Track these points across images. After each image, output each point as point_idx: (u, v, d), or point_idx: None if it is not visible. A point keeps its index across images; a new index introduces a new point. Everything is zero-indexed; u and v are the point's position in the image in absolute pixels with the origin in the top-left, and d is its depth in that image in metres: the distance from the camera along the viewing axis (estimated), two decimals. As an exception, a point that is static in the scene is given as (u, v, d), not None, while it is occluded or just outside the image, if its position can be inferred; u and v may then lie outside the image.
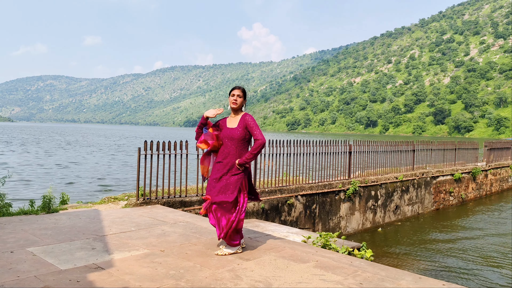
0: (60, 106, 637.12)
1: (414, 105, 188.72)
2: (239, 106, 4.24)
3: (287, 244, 4.75)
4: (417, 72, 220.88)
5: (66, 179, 17.90)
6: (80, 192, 14.74)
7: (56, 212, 6.05)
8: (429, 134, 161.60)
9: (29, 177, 18.21)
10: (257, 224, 7.45)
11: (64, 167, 22.86)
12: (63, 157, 29.18)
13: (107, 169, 22.70)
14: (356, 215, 10.74)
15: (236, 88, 4.27)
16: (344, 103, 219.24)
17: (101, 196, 9.92)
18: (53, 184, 15.75)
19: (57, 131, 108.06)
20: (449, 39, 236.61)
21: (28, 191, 14.66)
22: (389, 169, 12.24)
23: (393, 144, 12.44)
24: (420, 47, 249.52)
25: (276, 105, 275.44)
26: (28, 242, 4.33)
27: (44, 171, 20.68)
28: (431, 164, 14.25)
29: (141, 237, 4.75)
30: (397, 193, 12.23)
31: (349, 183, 10.48)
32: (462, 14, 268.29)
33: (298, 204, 9.14)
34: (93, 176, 19.49)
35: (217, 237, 4.27)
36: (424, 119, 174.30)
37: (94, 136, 76.61)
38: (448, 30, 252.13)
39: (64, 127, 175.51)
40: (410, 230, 11.33)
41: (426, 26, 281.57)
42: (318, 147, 9.77)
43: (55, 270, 3.52)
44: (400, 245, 9.68)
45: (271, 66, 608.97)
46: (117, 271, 3.56)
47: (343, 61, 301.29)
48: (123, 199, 7.24)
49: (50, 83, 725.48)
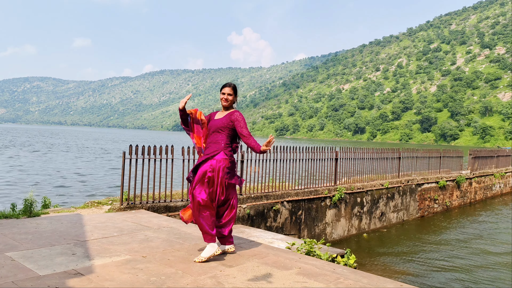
0: (46, 108, 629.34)
1: (402, 113, 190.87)
2: (230, 104, 4.20)
3: (271, 251, 4.74)
4: (405, 80, 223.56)
5: (49, 183, 17.64)
6: (63, 196, 14.53)
7: (37, 216, 5.96)
8: (416, 142, 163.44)
9: (12, 180, 17.90)
10: (242, 230, 7.42)
11: (47, 170, 22.53)
12: (46, 160, 28.78)
13: (91, 172, 22.45)
14: (341, 222, 10.78)
15: (227, 85, 4.21)
16: (332, 110, 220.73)
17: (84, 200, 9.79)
18: (35, 187, 15.51)
19: (43, 133, 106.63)
20: (436, 48, 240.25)
21: (10, 194, 14.41)
22: (375, 176, 12.31)
23: (379, 151, 12.54)
24: (407, 55, 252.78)
25: (265, 110, 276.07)
26: (8, 247, 4.25)
27: (26, 174, 20.36)
28: (416, 172, 14.38)
29: (123, 242, 4.70)
30: (383, 200, 12.30)
31: (335, 189, 10.51)
32: (449, 24, 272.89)
33: (284, 210, 9.14)
34: (77, 179, 19.25)
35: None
36: (411, 126, 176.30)
37: (80, 140, 75.79)
38: (435, 39, 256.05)
39: (50, 130, 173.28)
40: (395, 237, 11.40)
41: (414, 35, 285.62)
42: (304, 154, 9.79)
43: (33, 275, 3.46)
44: (385, 252, 9.74)
45: (261, 72, 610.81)
46: (97, 277, 3.50)
47: (332, 68, 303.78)
48: (106, 203, 7.16)
49: (37, 85, 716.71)
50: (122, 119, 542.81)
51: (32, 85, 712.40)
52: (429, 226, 12.87)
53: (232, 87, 4.20)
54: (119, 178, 19.55)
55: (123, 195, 6.82)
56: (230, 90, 4.19)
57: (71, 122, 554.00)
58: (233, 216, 4.29)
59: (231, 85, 4.20)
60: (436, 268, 8.55)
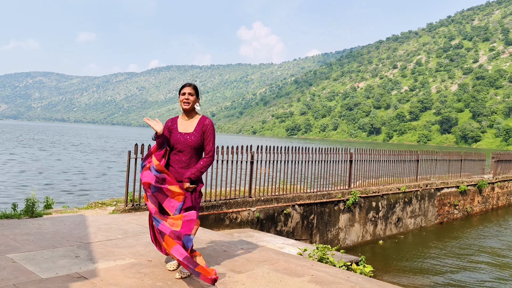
0: (49, 104, 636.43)
1: (420, 113, 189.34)
2: (192, 106, 3.97)
3: (281, 257, 4.73)
4: (424, 78, 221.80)
5: (51, 182, 17.83)
6: (66, 196, 14.68)
7: (39, 216, 6.02)
8: (434, 144, 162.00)
9: (14, 179, 18.13)
10: (251, 234, 7.43)
11: (51, 169, 22.78)
12: (50, 159, 29.10)
13: (95, 172, 22.64)
14: (355, 227, 10.73)
15: (187, 85, 3.99)
16: (346, 109, 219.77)
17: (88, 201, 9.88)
18: (37, 187, 15.68)
19: (45, 131, 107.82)
20: (457, 45, 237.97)
21: (11, 194, 14.59)
22: (392, 180, 12.24)
23: (396, 153, 12.45)
24: (427, 52, 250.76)
25: (276, 109, 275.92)
26: (9, 248, 4.30)
27: (29, 173, 20.60)
28: (435, 175, 14.26)
29: (128, 245, 4.73)
30: (399, 204, 12.22)
31: (349, 193, 10.47)
32: (472, 19, 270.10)
33: (295, 214, 9.12)
34: (80, 179, 19.43)
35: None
36: (430, 127, 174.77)
37: (84, 137, 76.49)
38: (457, 36, 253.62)
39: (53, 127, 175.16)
40: (413, 244, 11.32)
41: (434, 30, 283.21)
42: (317, 155, 9.76)
43: (35, 278, 3.50)
44: (402, 260, 9.67)
45: (272, 68, 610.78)
46: (101, 281, 3.53)
47: (347, 65, 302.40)
48: (110, 204, 7.21)
49: (40, 80, 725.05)
50: (126, 117, 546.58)
51: (34, 80, 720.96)
52: (449, 233, 12.74)
53: (192, 87, 4.00)
54: (123, 178, 19.68)
55: (128, 196, 6.86)
56: (191, 89, 3.96)
57: (74, 119, 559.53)
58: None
59: (191, 85, 4.01)
60: (457, 282, 8.46)
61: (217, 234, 5.79)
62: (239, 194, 8.19)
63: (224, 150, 7.67)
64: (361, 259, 6.64)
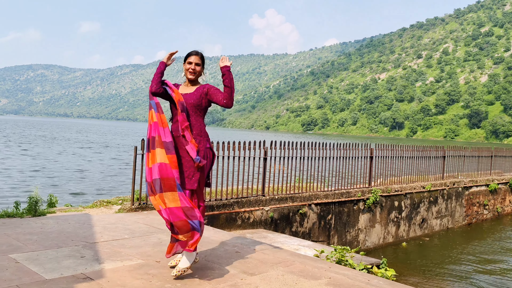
0: (51, 98, 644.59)
1: (447, 106, 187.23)
2: (197, 77, 3.98)
3: (297, 258, 4.75)
4: (451, 68, 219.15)
5: (55, 180, 18.09)
6: (70, 194, 14.89)
7: (43, 215, 6.13)
8: (462, 139, 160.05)
9: (16, 176, 18.44)
10: (265, 235, 7.46)
11: (54, 166, 23.10)
12: (53, 156, 29.51)
13: (100, 170, 22.90)
14: (376, 228, 10.69)
15: (193, 54, 3.95)
16: (366, 102, 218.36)
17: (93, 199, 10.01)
18: (41, 185, 15.93)
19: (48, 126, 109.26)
20: (487, 32, 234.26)
21: (14, 192, 14.85)
22: (416, 177, 12.16)
23: (421, 149, 12.36)
24: (454, 40, 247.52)
25: (291, 102, 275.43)
26: (11, 248, 4.39)
27: (32, 170, 20.92)
28: (463, 173, 14.13)
29: (135, 245, 4.79)
30: (424, 204, 12.14)
31: (369, 191, 10.43)
32: (503, 5, 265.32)
33: (311, 214, 9.13)
34: (85, 177, 19.68)
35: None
36: (457, 121, 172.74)
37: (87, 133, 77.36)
38: (487, 22, 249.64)
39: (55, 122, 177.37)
40: (438, 246, 11.24)
41: (462, 17, 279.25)
42: (335, 151, 9.75)
43: (39, 279, 3.57)
44: (426, 264, 9.61)
45: (286, 59, 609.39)
46: (107, 282, 3.59)
47: (367, 55, 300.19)
48: (116, 203, 7.30)
49: (41, 73, 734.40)
50: (132, 111, 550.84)
51: (36, 74, 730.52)
52: (477, 235, 12.62)
53: (199, 56, 3.96)
54: (129, 175, 19.88)
55: (135, 195, 6.94)
56: (198, 59, 3.94)
57: (78, 114, 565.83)
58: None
59: (198, 53, 3.97)
60: (487, 284, 8.38)
61: (228, 235, 5.83)
62: (252, 192, 8.22)
63: (235, 146, 7.70)
64: (382, 262, 6.62)
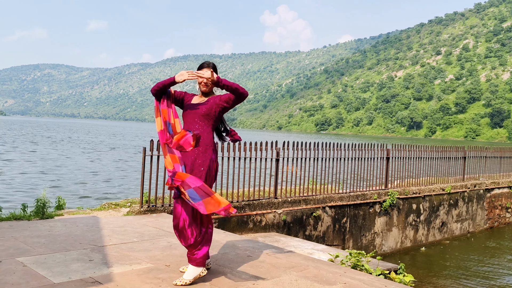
0: (58, 98, 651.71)
1: (467, 105, 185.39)
2: (211, 89, 4.00)
3: (311, 263, 4.75)
4: (471, 65, 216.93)
5: (63, 182, 18.29)
6: (78, 197, 15.04)
7: (51, 218, 6.21)
8: (484, 139, 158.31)
9: (23, 178, 18.68)
10: (278, 239, 7.47)
11: (62, 168, 23.35)
12: (61, 158, 29.82)
13: (108, 171, 23.09)
14: (393, 232, 10.63)
15: (205, 65, 3.98)
16: (383, 101, 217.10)
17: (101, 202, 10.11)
18: (48, 186, 16.11)
19: (55, 127, 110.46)
20: (509, 28, 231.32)
21: (21, 194, 15.04)
22: (434, 179, 12.08)
23: (440, 149, 12.27)
24: (475, 36, 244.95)
25: (304, 101, 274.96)
26: (19, 251, 4.46)
27: (40, 172, 21.17)
28: (484, 175, 13.99)
29: (144, 249, 4.83)
30: (444, 207, 12.04)
31: (386, 194, 10.38)
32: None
33: (325, 217, 9.11)
34: (93, 179, 19.86)
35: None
36: (478, 121, 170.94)
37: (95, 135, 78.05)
38: (509, 17, 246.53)
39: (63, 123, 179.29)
40: (459, 251, 11.15)
41: (483, 11, 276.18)
42: (350, 151, 9.72)
43: (47, 283, 3.62)
44: (446, 269, 9.54)
45: (299, 57, 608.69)
46: (116, 286, 3.63)
47: (383, 51, 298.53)
48: (125, 205, 7.37)
49: (48, 73, 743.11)
50: (140, 111, 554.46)
51: (42, 73, 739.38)
52: (500, 240, 12.48)
53: (211, 67, 3.97)
54: (138, 177, 20.01)
55: (143, 197, 6.99)
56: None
57: (85, 115, 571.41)
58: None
59: (210, 65, 3.98)
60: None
61: (240, 238, 5.85)
62: (264, 194, 8.23)
63: (246, 146, 7.72)
64: (400, 267, 6.58)
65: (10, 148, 35.12)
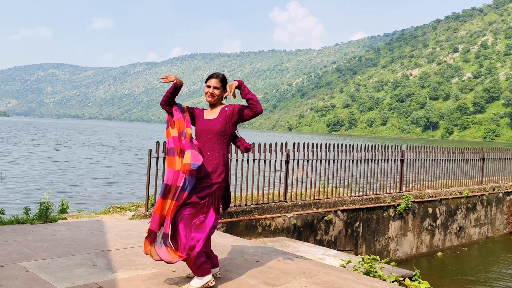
0: (62, 99, 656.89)
1: (486, 104, 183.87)
2: (217, 100, 4.00)
3: (322, 269, 4.74)
4: (490, 63, 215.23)
5: (67, 185, 18.42)
6: (82, 200, 15.14)
7: (54, 221, 6.26)
8: (504, 140, 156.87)
9: (24, 181, 18.84)
10: (287, 244, 7.46)
11: (66, 171, 23.53)
12: (65, 160, 30.05)
13: (113, 174, 23.22)
14: (408, 237, 10.58)
15: (213, 77, 3.98)
16: (397, 101, 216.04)
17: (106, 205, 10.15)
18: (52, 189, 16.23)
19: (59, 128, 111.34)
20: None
21: (24, 197, 15.17)
22: (451, 182, 12.00)
23: (457, 151, 12.19)
24: (494, 32, 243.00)
25: (315, 101, 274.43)
26: (22, 256, 4.50)
27: (43, 174, 21.35)
28: (504, 177, 13.88)
29: (149, 254, 4.85)
30: (461, 211, 11.96)
31: (400, 197, 10.33)
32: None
33: (337, 221, 9.09)
34: (98, 182, 19.98)
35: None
36: (498, 121, 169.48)
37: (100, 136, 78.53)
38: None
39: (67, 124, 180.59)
40: (477, 257, 11.06)
41: (502, 7, 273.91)
42: (363, 153, 9.69)
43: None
44: (464, 276, 9.47)
45: (310, 55, 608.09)
46: (120, 292, 3.65)
47: (398, 49, 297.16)
48: (130, 209, 7.41)
49: (52, 73, 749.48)
50: (146, 112, 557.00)
51: (46, 73, 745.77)
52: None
53: (219, 79, 3.97)
54: (143, 180, 20.10)
55: (149, 200, 7.02)
56: (217, 83, 3.96)
57: (90, 116, 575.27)
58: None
59: (218, 76, 3.98)
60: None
61: (248, 243, 5.85)
62: (273, 198, 8.23)
63: (255, 148, 7.72)
64: (415, 274, 6.55)
65: (13, 150, 35.46)
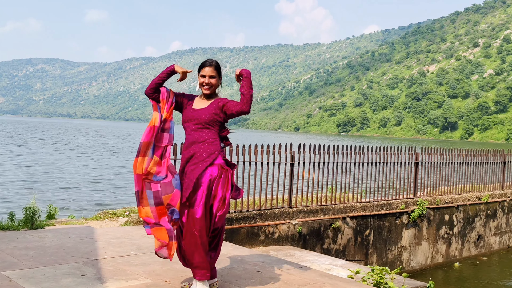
0: (53, 96, 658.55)
1: (509, 103, 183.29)
2: (213, 90, 3.97)
3: (327, 280, 4.74)
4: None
5: (55, 189, 18.47)
6: (71, 205, 15.19)
7: (41, 228, 6.28)
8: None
9: (12, 185, 18.91)
10: (292, 253, 7.46)
11: (54, 174, 23.60)
12: (52, 162, 30.14)
13: (105, 177, 23.27)
14: (423, 246, 10.56)
15: (207, 65, 3.93)
16: (413, 99, 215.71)
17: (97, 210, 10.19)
18: (38, 194, 16.28)
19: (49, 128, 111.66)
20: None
21: (8, 202, 15.23)
22: (470, 187, 11.97)
23: (476, 153, 12.16)
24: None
25: (324, 99, 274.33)
26: (5, 264, 4.52)
27: (30, 177, 21.42)
28: (527, 182, 13.82)
29: (142, 263, 4.87)
30: (480, 218, 11.93)
31: (414, 203, 10.31)
32: None
33: (346, 229, 9.08)
34: (88, 185, 20.03)
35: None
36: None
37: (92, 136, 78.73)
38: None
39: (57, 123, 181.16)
40: (498, 268, 11.04)
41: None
42: (374, 156, 9.68)
43: (35, 299, 3.67)
44: (482, 288, 9.44)
45: (319, 50, 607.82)
46: (110, 304, 3.66)
47: (413, 44, 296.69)
48: (122, 214, 7.42)
49: (42, 68, 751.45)
50: (142, 111, 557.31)
51: (35, 69, 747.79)
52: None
53: (214, 66, 3.92)
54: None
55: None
56: (212, 71, 3.92)
57: (82, 114, 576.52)
58: (222, 238, 4.17)
59: (212, 63, 3.92)
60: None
61: (249, 252, 5.86)
62: (277, 203, 8.23)
63: (257, 150, 7.72)
64: (429, 285, 6.54)
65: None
